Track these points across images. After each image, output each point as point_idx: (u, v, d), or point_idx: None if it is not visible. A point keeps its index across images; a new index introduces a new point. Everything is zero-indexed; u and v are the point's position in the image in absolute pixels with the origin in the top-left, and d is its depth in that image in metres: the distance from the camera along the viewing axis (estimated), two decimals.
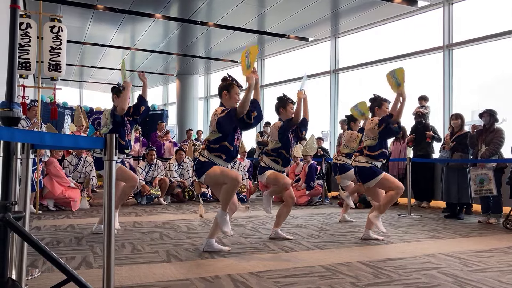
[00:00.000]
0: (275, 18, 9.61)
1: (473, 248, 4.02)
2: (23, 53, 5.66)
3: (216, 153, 3.62)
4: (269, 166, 4.38)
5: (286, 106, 4.44)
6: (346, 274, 3.11)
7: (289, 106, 4.43)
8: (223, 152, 3.62)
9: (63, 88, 9.68)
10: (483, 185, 5.60)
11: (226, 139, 3.61)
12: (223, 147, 3.61)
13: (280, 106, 4.49)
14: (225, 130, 3.56)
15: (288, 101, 4.46)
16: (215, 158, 3.63)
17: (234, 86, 3.72)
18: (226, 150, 3.62)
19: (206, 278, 2.96)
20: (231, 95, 3.70)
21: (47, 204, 6.44)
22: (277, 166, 4.37)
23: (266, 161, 4.41)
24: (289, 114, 4.40)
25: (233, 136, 3.66)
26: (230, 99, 3.70)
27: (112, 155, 1.95)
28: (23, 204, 2.34)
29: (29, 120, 6.27)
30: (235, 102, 3.68)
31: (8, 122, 1.82)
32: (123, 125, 4.47)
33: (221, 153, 3.62)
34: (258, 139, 10.08)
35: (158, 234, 4.58)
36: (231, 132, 3.61)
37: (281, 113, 4.47)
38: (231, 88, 3.71)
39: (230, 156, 3.67)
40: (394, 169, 7.68)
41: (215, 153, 3.62)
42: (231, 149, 3.64)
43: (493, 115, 5.73)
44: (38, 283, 2.79)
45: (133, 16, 9.50)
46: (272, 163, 4.37)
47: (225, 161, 3.66)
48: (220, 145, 3.61)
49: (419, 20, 9.20)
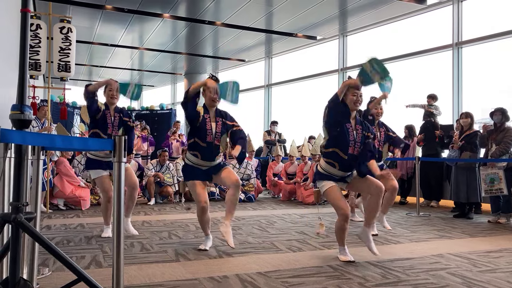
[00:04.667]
0: (283, 17, 9.59)
1: (483, 248, 3.99)
2: (33, 54, 5.73)
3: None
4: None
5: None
6: (354, 274, 3.10)
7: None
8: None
9: (72, 88, 9.75)
10: (494, 184, 5.55)
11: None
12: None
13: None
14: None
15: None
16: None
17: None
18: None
19: (214, 278, 2.97)
20: (206, 93, 3.88)
21: (57, 203, 6.52)
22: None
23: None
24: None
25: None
26: (205, 97, 3.91)
27: (121, 157, 1.98)
28: (34, 205, 2.38)
29: (39, 120, 6.34)
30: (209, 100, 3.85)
31: (19, 125, 1.84)
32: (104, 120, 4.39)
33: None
34: (265, 138, 10.10)
35: (167, 233, 4.61)
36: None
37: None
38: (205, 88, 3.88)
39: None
40: (403, 169, 7.64)
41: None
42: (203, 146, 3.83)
43: (504, 113, 5.67)
44: (48, 282, 2.83)
45: (141, 16, 9.54)
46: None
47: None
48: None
49: (428, 18, 9.12)
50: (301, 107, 11.83)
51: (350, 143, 3.51)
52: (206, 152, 3.81)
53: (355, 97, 3.51)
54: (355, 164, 3.55)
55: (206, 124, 3.81)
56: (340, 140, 3.51)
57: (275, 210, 6.75)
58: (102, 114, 4.34)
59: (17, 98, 1.89)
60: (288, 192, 8.22)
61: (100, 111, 4.34)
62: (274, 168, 8.96)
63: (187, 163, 3.93)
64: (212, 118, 3.86)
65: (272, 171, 8.91)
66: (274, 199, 8.45)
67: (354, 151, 3.52)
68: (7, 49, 4.11)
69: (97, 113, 4.33)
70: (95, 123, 4.35)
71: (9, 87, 4.15)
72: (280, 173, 8.73)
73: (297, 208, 7.08)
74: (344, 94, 3.54)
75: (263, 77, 13.39)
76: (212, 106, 3.88)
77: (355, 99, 3.52)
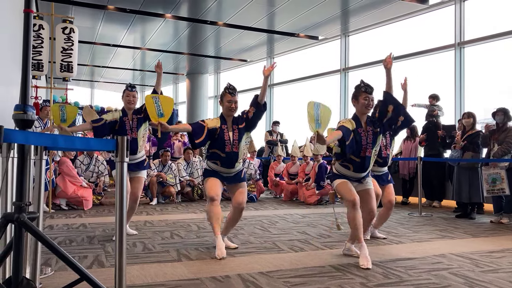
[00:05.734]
0: (285, 17, 9.59)
1: (485, 249, 3.99)
2: (35, 54, 5.74)
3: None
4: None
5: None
6: (356, 274, 3.10)
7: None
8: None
9: (74, 88, 9.79)
10: (496, 184, 5.54)
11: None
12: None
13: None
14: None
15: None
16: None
17: (226, 94, 3.89)
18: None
19: (217, 278, 2.98)
20: (223, 103, 3.91)
21: (60, 203, 6.54)
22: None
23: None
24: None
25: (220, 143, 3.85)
26: (223, 107, 3.92)
27: (123, 157, 1.98)
28: (36, 205, 2.39)
29: (41, 120, 6.35)
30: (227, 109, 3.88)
31: (22, 125, 1.85)
32: (122, 124, 4.41)
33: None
34: (267, 139, 10.09)
35: (169, 233, 4.62)
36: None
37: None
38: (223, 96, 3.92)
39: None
40: (405, 169, 7.63)
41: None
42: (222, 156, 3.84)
43: (506, 113, 5.66)
44: (51, 281, 2.84)
45: (143, 16, 9.56)
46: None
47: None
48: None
49: (430, 18, 9.11)
50: (303, 107, 11.78)
51: (363, 146, 3.55)
52: (226, 160, 3.84)
53: (367, 101, 3.57)
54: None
55: (224, 135, 3.83)
56: (354, 147, 3.53)
57: (277, 210, 6.75)
58: (120, 122, 4.39)
59: (20, 98, 1.90)
60: (290, 192, 8.22)
61: (117, 122, 4.38)
62: (276, 168, 8.97)
63: (207, 169, 3.97)
64: (230, 128, 3.88)
65: (274, 171, 8.92)
66: (276, 199, 8.45)
67: (366, 152, 3.56)
68: (10, 50, 4.13)
69: (114, 125, 4.38)
70: (115, 133, 4.40)
71: (11, 87, 4.16)
72: (281, 173, 8.73)
73: (299, 208, 7.08)
74: (355, 99, 3.63)
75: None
76: (229, 115, 3.91)
77: (367, 103, 3.58)
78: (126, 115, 4.41)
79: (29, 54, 1.93)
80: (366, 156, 3.55)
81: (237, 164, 3.89)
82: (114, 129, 4.39)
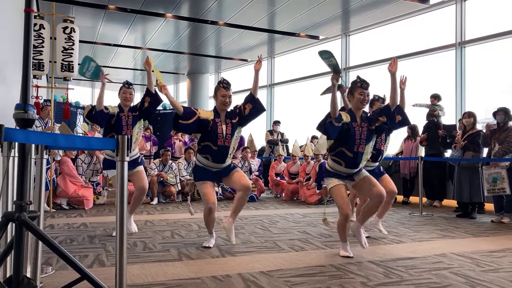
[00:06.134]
0: (285, 17, 9.59)
1: (486, 248, 3.99)
2: (36, 53, 5.75)
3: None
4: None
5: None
6: (356, 273, 3.10)
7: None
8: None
9: (75, 88, 9.79)
10: (496, 184, 5.53)
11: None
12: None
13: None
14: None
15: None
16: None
17: (220, 88, 3.94)
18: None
19: (217, 277, 2.98)
20: (217, 97, 3.98)
21: (61, 203, 6.54)
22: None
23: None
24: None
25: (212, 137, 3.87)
26: (216, 101, 3.99)
27: (124, 156, 1.98)
28: (37, 204, 2.39)
29: (42, 120, 6.36)
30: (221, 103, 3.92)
31: (23, 124, 1.85)
32: (119, 120, 4.43)
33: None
34: (268, 138, 10.10)
35: (170, 233, 4.62)
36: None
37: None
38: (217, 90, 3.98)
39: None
40: (406, 168, 7.63)
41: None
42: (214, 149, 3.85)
43: (507, 113, 5.66)
44: (52, 280, 2.84)
45: (144, 16, 9.56)
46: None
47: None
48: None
49: (431, 18, 9.10)
50: (303, 106, 11.82)
51: (356, 141, 3.56)
52: (217, 154, 3.84)
53: (362, 96, 3.57)
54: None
55: (217, 128, 3.84)
56: (347, 140, 3.55)
57: (278, 210, 6.75)
58: (116, 117, 4.41)
59: (20, 97, 1.90)
60: (291, 191, 8.23)
61: (114, 116, 4.40)
62: (277, 167, 8.97)
63: (197, 164, 3.96)
64: (223, 121, 3.89)
65: (275, 171, 8.92)
66: (277, 199, 8.45)
67: (359, 148, 3.57)
68: (11, 49, 4.13)
69: (111, 118, 4.40)
70: (111, 127, 4.41)
71: (12, 87, 4.17)
72: (282, 172, 8.74)
73: (300, 207, 7.08)
74: (351, 94, 3.61)
75: (266, 77, 13.39)
76: (223, 110, 3.93)
77: (362, 98, 3.57)
78: (122, 111, 4.46)
79: (29, 53, 1.93)
80: (359, 152, 3.57)
81: (227, 160, 3.91)
82: (110, 123, 4.40)
